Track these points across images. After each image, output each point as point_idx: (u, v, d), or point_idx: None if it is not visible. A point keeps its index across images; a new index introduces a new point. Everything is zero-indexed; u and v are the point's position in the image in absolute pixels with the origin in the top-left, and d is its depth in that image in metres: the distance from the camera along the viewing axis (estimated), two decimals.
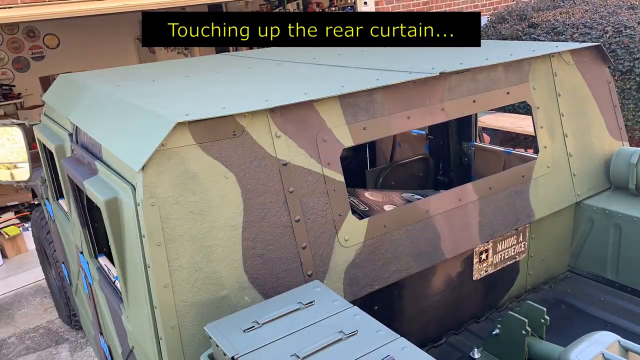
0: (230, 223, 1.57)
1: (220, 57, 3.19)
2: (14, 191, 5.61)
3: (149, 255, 1.48)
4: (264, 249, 1.63)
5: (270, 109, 1.64)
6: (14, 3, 4.19)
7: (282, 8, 8.89)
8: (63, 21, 8.60)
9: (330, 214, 1.73)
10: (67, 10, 4.36)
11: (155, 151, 1.46)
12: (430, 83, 1.93)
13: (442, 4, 7.30)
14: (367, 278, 1.81)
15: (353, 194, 2.46)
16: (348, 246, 1.77)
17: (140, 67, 2.95)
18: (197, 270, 1.54)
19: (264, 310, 1.45)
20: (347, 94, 1.76)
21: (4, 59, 9.79)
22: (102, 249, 2.26)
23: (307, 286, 1.57)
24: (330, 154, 1.73)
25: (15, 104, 9.50)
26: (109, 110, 1.99)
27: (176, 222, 1.51)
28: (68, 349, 3.72)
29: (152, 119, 1.62)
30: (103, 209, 1.65)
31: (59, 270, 3.48)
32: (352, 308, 1.44)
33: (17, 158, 3.58)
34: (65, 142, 2.37)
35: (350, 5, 6.97)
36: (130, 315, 1.79)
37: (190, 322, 1.55)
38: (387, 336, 1.31)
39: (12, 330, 4.03)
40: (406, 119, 1.88)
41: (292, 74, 2.19)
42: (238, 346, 1.31)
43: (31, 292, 4.59)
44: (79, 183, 1.92)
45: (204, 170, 1.54)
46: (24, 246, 5.14)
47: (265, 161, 1.62)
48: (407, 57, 2.32)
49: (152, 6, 4.83)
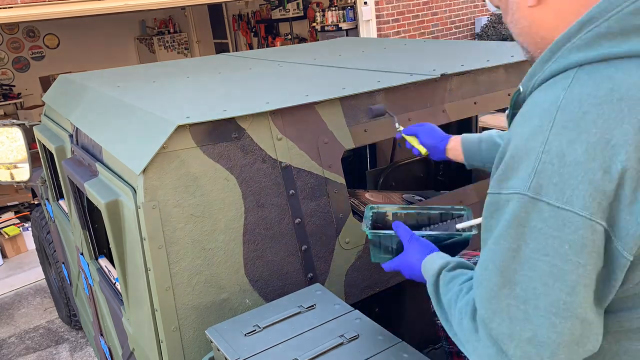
0: (231, 226, 1.57)
1: (220, 57, 3.18)
2: (14, 191, 5.61)
3: (150, 258, 1.48)
4: (264, 252, 1.63)
5: (271, 112, 1.63)
6: (14, 3, 4.19)
7: (282, 8, 8.89)
8: (63, 21, 8.61)
9: (331, 216, 1.73)
10: (67, 10, 4.36)
11: (156, 154, 1.46)
12: (432, 85, 1.93)
13: (442, 3, 7.30)
14: (368, 280, 1.81)
15: (353, 195, 2.45)
16: (349, 248, 1.77)
17: (140, 68, 2.95)
18: (198, 273, 1.54)
19: (265, 314, 1.45)
20: (348, 96, 1.76)
21: (4, 59, 9.79)
22: (103, 250, 2.26)
23: (308, 289, 1.57)
24: (332, 156, 1.73)
25: (15, 104, 9.50)
26: (109, 112, 1.98)
27: (177, 224, 1.50)
28: (68, 349, 3.72)
29: (152, 121, 1.62)
30: (104, 211, 1.65)
31: (59, 271, 3.48)
32: (353, 312, 1.44)
33: (17, 158, 3.58)
34: (65, 143, 2.37)
35: (350, 5, 6.96)
36: (130, 317, 1.79)
37: (191, 325, 1.55)
38: (388, 340, 1.31)
39: (12, 330, 4.03)
40: (407, 120, 1.88)
41: (292, 75, 2.19)
42: (239, 350, 1.31)
43: (31, 292, 4.58)
44: (79, 185, 1.92)
45: (204, 172, 1.54)
46: (24, 246, 5.14)
47: (266, 164, 1.62)
48: (408, 59, 2.32)
49: (152, 6, 4.83)
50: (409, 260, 1.31)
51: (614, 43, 0.86)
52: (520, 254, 0.89)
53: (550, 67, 0.93)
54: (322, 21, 7.39)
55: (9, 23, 5.68)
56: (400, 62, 2.25)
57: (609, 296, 0.89)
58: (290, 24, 9.02)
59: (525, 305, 0.89)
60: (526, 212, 0.88)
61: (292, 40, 9.02)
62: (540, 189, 0.86)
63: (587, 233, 0.83)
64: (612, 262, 0.86)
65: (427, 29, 7.20)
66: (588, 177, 0.83)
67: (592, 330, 0.89)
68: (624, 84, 0.84)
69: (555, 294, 0.86)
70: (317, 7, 7.91)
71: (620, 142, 0.82)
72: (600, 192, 0.82)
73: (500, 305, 0.92)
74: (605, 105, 0.83)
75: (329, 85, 1.86)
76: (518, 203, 0.88)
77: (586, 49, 0.87)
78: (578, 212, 0.83)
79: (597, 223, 0.83)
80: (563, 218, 0.84)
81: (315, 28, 7.70)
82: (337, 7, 7.20)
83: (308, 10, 8.34)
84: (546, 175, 0.85)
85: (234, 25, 10.67)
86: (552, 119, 0.87)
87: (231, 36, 10.88)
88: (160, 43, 11.49)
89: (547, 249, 0.86)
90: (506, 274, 0.91)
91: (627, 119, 0.82)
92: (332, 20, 7.17)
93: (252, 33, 10.15)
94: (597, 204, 0.82)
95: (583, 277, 0.85)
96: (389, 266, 1.40)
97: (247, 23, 10.26)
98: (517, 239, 0.89)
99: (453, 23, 7.53)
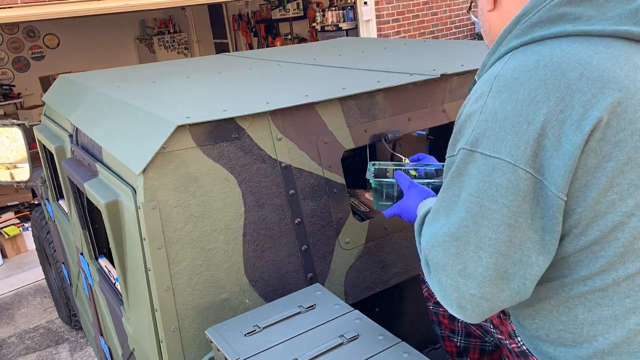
0: (231, 226, 1.57)
1: (220, 57, 3.18)
2: (14, 191, 5.61)
3: (150, 258, 1.48)
4: (264, 252, 1.63)
5: (271, 112, 1.63)
6: (14, 3, 4.18)
7: (282, 8, 8.89)
8: (63, 21, 8.61)
9: (331, 216, 1.73)
10: (67, 10, 4.36)
11: (156, 154, 1.46)
12: (431, 85, 1.93)
13: (442, 3, 7.30)
14: (368, 280, 1.81)
15: (353, 195, 2.45)
16: (349, 248, 1.77)
17: (140, 68, 2.95)
18: (197, 273, 1.54)
19: (264, 314, 1.45)
20: (348, 96, 1.76)
21: (4, 59, 9.79)
22: (103, 250, 2.26)
23: (308, 289, 1.57)
24: (331, 156, 1.73)
25: (15, 104, 9.50)
26: (109, 112, 1.98)
27: (177, 225, 1.50)
28: (68, 349, 3.72)
29: (152, 121, 1.62)
30: (104, 211, 1.65)
31: (59, 271, 3.48)
32: (353, 312, 1.44)
33: (17, 158, 3.58)
34: (65, 143, 2.37)
35: (350, 5, 6.96)
36: (130, 317, 1.79)
37: (191, 325, 1.55)
38: (389, 340, 1.31)
39: (12, 330, 4.03)
40: (407, 120, 1.88)
41: (292, 75, 2.19)
42: (239, 350, 1.31)
43: (31, 292, 4.58)
44: (79, 185, 1.92)
45: (204, 173, 1.54)
46: (24, 246, 5.14)
47: (266, 164, 1.62)
48: (408, 59, 2.32)
49: (152, 6, 4.83)
50: (408, 204, 1.45)
51: (543, 29, 1.04)
52: (460, 198, 1.04)
53: (495, 56, 1.12)
54: (322, 21, 7.39)
55: (9, 23, 5.68)
56: (400, 62, 2.25)
57: (554, 242, 1.00)
58: (290, 24, 9.02)
59: (458, 242, 1.02)
60: (465, 162, 1.03)
61: (292, 40, 9.02)
62: (476, 142, 1.02)
63: (512, 177, 0.97)
64: (550, 207, 0.98)
65: (427, 29, 7.20)
66: (514, 129, 0.98)
67: (518, 271, 1.00)
68: (548, 54, 1.01)
69: (482, 232, 1.00)
70: (317, 7, 7.91)
71: (543, 98, 0.97)
72: (524, 141, 0.97)
73: (437, 240, 1.06)
74: (532, 71, 1.00)
75: (329, 85, 1.86)
76: (460, 157, 1.04)
77: (522, 36, 1.06)
78: (504, 159, 0.98)
79: (520, 168, 0.97)
80: (493, 165, 0.99)
81: (315, 28, 7.70)
82: (337, 7, 7.20)
83: (308, 10, 8.34)
84: (482, 130, 1.01)
85: (234, 25, 10.67)
86: (490, 86, 1.03)
87: (231, 36, 10.88)
88: (160, 43, 11.49)
89: (478, 192, 1.00)
90: (446, 215, 1.06)
91: (550, 80, 0.97)
92: (332, 20, 7.17)
93: (252, 33, 10.15)
94: (522, 152, 0.97)
95: (507, 217, 0.98)
96: (390, 212, 1.53)
97: (247, 23, 10.26)
98: (459, 186, 1.04)
99: (453, 23, 7.53)
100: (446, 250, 1.04)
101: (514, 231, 0.98)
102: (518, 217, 0.98)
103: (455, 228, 1.03)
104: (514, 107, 0.98)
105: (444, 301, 1.07)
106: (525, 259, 1.00)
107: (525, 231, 0.99)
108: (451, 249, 1.03)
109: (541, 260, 1.01)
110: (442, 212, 1.08)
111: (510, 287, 1.01)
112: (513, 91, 0.99)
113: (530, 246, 0.99)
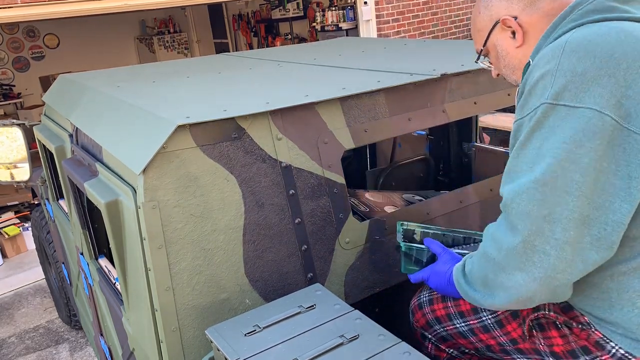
0: (231, 226, 1.57)
1: (220, 57, 3.18)
2: (14, 191, 5.60)
3: (150, 258, 1.48)
4: (264, 252, 1.63)
5: (271, 112, 1.63)
6: (14, 3, 4.18)
7: (282, 8, 8.89)
8: (63, 21, 8.61)
9: (331, 216, 1.73)
10: (67, 10, 4.36)
11: (156, 154, 1.46)
12: (432, 85, 1.93)
13: (442, 3, 7.30)
14: (368, 280, 1.81)
15: (353, 195, 2.45)
16: (349, 248, 1.77)
17: (140, 67, 2.95)
18: (198, 273, 1.54)
19: (265, 314, 1.45)
20: (348, 96, 1.76)
21: (4, 58, 9.78)
22: (103, 250, 2.26)
23: (308, 289, 1.57)
24: (331, 156, 1.73)
25: (15, 104, 9.49)
26: (109, 112, 1.98)
27: (177, 224, 1.50)
28: (68, 349, 3.72)
29: (152, 121, 1.62)
30: (104, 211, 1.65)
31: (59, 271, 3.47)
32: (354, 312, 1.43)
33: (17, 158, 3.58)
34: (65, 143, 2.37)
35: (350, 5, 6.96)
36: (130, 317, 1.79)
37: (191, 325, 1.55)
38: (389, 340, 1.30)
39: (12, 330, 4.03)
40: (407, 120, 1.88)
41: (292, 75, 2.19)
42: (239, 350, 1.31)
43: (31, 292, 4.58)
44: (79, 184, 1.92)
45: (204, 172, 1.53)
46: (24, 246, 5.14)
47: (266, 163, 1.62)
48: (408, 59, 2.32)
49: (152, 6, 4.83)
50: (439, 269, 1.45)
51: (600, 15, 1.13)
52: (542, 149, 1.07)
53: (551, 38, 1.18)
54: (322, 21, 7.39)
55: (9, 23, 5.68)
56: (400, 62, 2.25)
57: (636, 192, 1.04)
58: (290, 23, 9.02)
59: (544, 187, 1.05)
60: (546, 116, 1.07)
61: (292, 40, 9.02)
62: (558, 95, 1.06)
63: (598, 122, 1.02)
64: (637, 153, 1.03)
65: (427, 29, 7.20)
66: (597, 81, 1.03)
67: (600, 217, 1.04)
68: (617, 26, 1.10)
69: (570, 175, 1.03)
70: (317, 7, 7.91)
71: (622, 57, 1.04)
72: (608, 91, 1.03)
73: (521, 188, 1.08)
74: (606, 35, 1.07)
75: (329, 85, 1.86)
76: (541, 111, 1.08)
77: (580, 18, 1.15)
78: (590, 107, 1.03)
79: (607, 115, 1.02)
80: (578, 114, 1.04)
81: (315, 28, 7.70)
82: (337, 7, 7.20)
83: (308, 10, 8.34)
84: (561, 85, 1.06)
85: (234, 25, 10.67)
86: (562, 49, 1.09)
87: (231, 36, 10.88)
88: (160, 43, 11.49)
89: (565, 139, 1.04)
90: (530, 168, 1.09)
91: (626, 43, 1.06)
92: (332, 20, 7.17)
93: (252, 33, 10.15)
94: (606, 101, 1.02)
95: (594, 161, 1.03)
96: (418, 276, 1.54)
97: (247, 23, 10.26)
98: (541, 138, 1.08)
99: (453, 23, 7.53)
100: (531, 197, 1.06)
101: (599, 175, 1.03)
102: (603, 162, 1.03)
103: (542, 174, 1.06)
104: (593, 63, 1.04)
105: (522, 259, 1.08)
106: (608, 204, 1.04)
107: (609, 176, 1.03)
108: (537, 195, 1.06)
109: (625, 208, 1.04)
110: (523, 166, 1.10)
111: (591, 233, 1.04)
112: (589, 50, 1.06)
113: (614, 192, 1.04)
